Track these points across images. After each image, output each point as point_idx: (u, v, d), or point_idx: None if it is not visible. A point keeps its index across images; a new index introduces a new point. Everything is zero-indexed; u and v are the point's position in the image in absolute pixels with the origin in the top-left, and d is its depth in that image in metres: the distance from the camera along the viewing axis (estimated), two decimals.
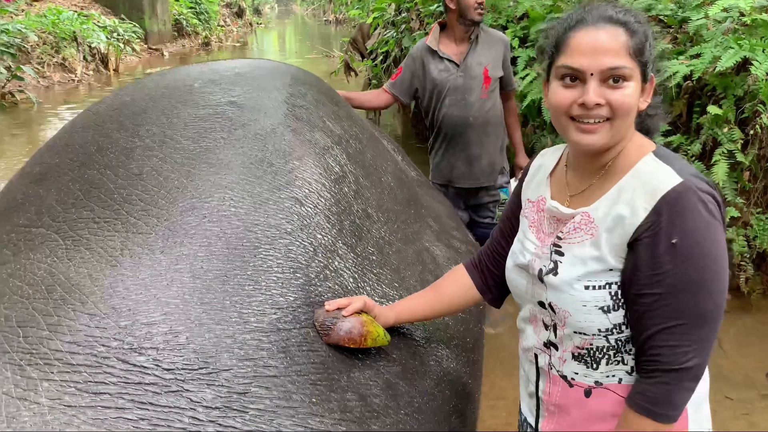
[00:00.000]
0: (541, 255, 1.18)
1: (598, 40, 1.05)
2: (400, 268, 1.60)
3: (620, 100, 1.05)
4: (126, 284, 1.17)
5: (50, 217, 1.31)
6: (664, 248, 1.02)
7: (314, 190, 1.43)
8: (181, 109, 1.53)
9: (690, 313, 1.02)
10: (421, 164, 4.46)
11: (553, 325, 1.17)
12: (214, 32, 17.96)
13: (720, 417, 2.49)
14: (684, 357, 1.03)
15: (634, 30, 1.06)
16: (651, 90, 1.12)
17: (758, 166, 3.09)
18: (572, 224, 1.13)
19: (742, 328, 3.12)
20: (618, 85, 1.05)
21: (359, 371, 1.27)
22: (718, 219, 1.04)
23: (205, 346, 1.11)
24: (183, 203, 1.31)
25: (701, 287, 1.02)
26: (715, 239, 1.03)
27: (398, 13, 6.04)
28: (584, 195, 1.15)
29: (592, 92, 1.04)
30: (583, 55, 1.05)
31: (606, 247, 1.08)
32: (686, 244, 1.01)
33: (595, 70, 1.05)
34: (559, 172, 1.24)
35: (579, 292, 1.10)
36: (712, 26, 3.38)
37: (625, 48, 1.05)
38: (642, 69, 1.07)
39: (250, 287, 1.23)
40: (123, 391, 1.00)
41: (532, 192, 1.27)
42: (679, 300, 1.02)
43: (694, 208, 1.01)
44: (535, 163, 1.32)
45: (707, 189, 1.04)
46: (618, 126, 1.07)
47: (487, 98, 2.95)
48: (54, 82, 10.49)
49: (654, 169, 1.07)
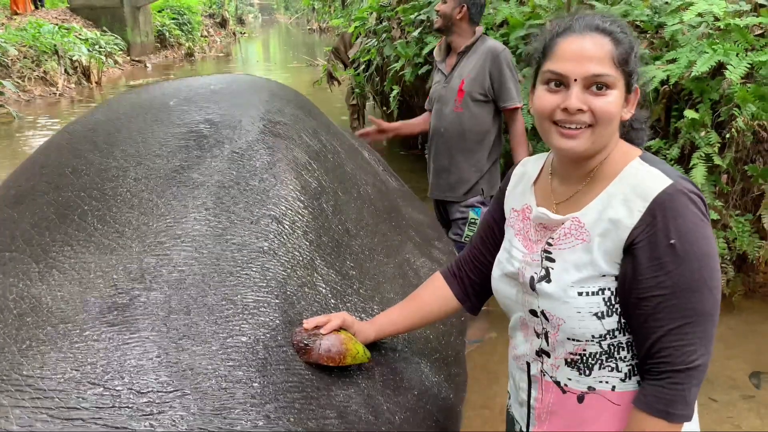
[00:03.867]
0: (531, 262, 1.18)
1: (583, 47, 1.08)
2: (381, 282, 1.60)
3: (602, 107, 1.07)
4: (99, 307, 1.15)
5: (24, 242, 1.30)
6: (662, 250, 1.03)
7: (292, 208, 1.43)
8: (156, 128, 1.52)
9: (694, 312, 1.04)
10: (405, 172, 4.48)
11: (545, 333, 1.17)
12: (197, 43, 17.94)
13: (704, 419, 2.51)
14: (692, 356, 1.04)
15: (619, 40, 1.08)
16: (635, 101, 1.13)
17: (735, 169, 3.13)
18: (562, 230, 1.14)
19: (725, 330, 3.15)
20: (601, 93, 1.07)
21: (339, 389, 1.26)
22: (706, 218, 1.06)
23: (180, 367, 1.09)
24: (157, 224, 1.30)
25: (702, 285, 1.04)
26: (708, 237, 1.06)
27: (379, 22, 6.06)
28: (571, 201, 1.16)
29: (574, 97, 1.07)
30: (568, 61, 1.08)
31: (598, 251, 1.09)
32: (684, 243, 1.03)
33: (579, 76, 1.07)
34: (543, 181, 1.24)
35: (573, 299, 1.10)
36: (687, 31, 3.43)
37: (610, 57, 1.07)
38: (626, 79, 1.09)
39: (226, 307, 1.22)
40: (96, 416, 0.98)
41: (517, 201, 1.27)
42: (683, 299, 1.04)
43: (686, 209, 1.04)
44: (516, 171, 1.33)
45: (694, 190, 1.06)
46: (599, 133, 1.08)
47: (462, 112, 2.87)
48: (35, 96, 10.42)
49: (642, 172, 1.09)
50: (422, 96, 5.35)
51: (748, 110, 2.98)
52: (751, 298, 3.40)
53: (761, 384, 2.75)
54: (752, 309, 3.33)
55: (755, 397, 2.66)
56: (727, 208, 3.18)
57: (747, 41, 3.18)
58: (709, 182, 3.10)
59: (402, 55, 5.21)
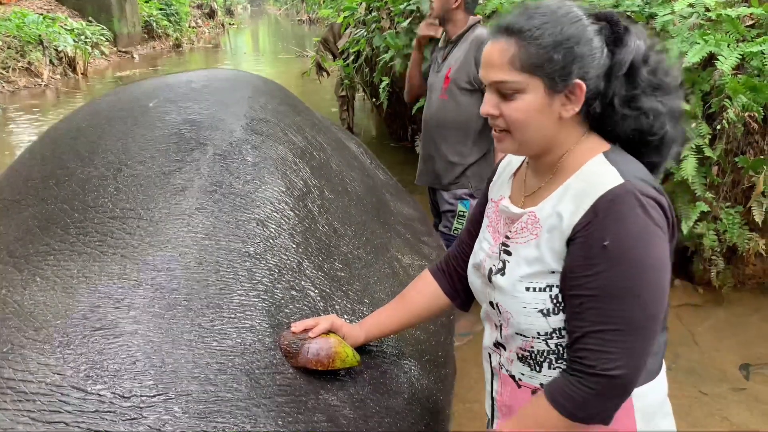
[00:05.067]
0: (491, 254, 1.18)
1: (487, 53, 1.07)
2: (370, 282, 1.58)
3: (509, 114, 1.05)
4: (82, 311, 1.14)
5: (8, 254, 1.31)
6: (595, 250, 1.00)
7: (277, 210, 1.41)
8: (137, 132, 1.51)
9: (618, 320, 0.99)
10: (395, 164, 4.46)
11: (499, 326, 1.17)
12: (185, 34, 17.74)
13: (695, 412, 2.52)
14: (609, 364, 1.00)
15: (532, 38, 1.02)
16: (580, 97, 1.04)
17: (726, 160, 3.12)
18: (520, 224, 1.12)
19: (715, 322, 3.16)
20: (510, 97, 1.05)
21: (327, 392, 1.25)
22: (659, 225, 1.01)
23: (164, 371, 1.08)
24: (140, 232, 1.30)
25: (628, 293, 0.99)
26: (650, 245, 1.00)
27: (369, 12, 6.00)
28: (536, 195, 1.14)
29: (485, 102, 1.08)
30: (481, 67, 1.09)
31: (545, 247, 1.06)
32: (617, 247, 0.99)
33: (487, 82, 1.08)
34: (521, 172, 1.23)
35: (521, 294, 1.09)
36: (678, 22, 3.41)
37: (512, 62, 1.03)
38: (545, 79, 1.03)
39: (212, 312, 1.20)
40: (79, 420, 0.98)
41: (496, 191, 1.26)
42: (607, 304, 1.00)
43: (630, 211, 0.99)
44: (504, 162, 1.31)
45: (651, 194, 1.01)
46: (519, 137, 1.07)
47: (446, 99, 2.85)
48: (20, 87, 10.27)
49: (599, 169, 1.05)
50: None
51: (739, 101, 2.96)
52: (741, 291, 3.40)
53: (750, 376, 2.76)
54: (741, 301, 3.34)
55: (745, 390, 2.66)
56: (717, 200, 3.18)
57: (738, 32, 3.16)
58: (700, 174, 3.09)
59: (392, 46, 5.16)
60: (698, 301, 3.35)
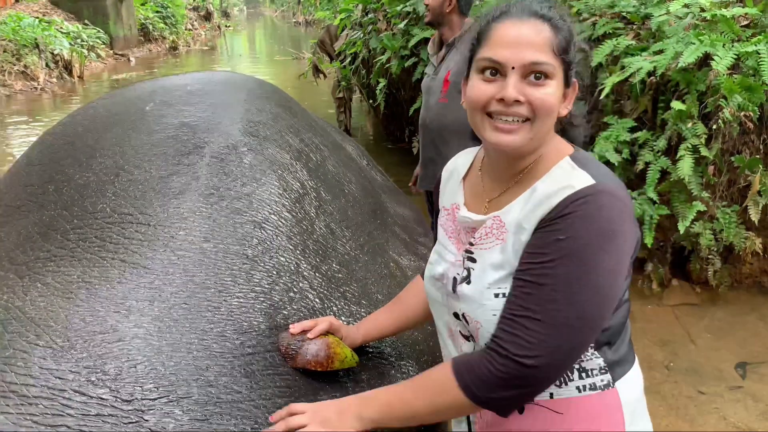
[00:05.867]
0: (455, 263, 1.13)
1: (521, 33, 0.99)
2: (368, 283, 1.58)
3: (541, 98, 0.99)
4: (82, 315, 1.15)
5: (9, 261, 1.32)
6: (547, 242, 0.98)
7: (274, 212, 1.41)
8: (134, 136, 1.52)
9: (545, 312, 0.96)
10: (393, 166, 4.46)
11: (469, 337, 1.11)
12: (181, 36, 17.74)
13: (691, 411, 2.53)
14: (523, 351, 0.96)
15: (559, 27, 1.01)
16: (573, 96, 1.06)
17: (722, 160, 3.14)
18: (484, 229, 1.09)
19: (712, 321, 3.17)
20: (539, 82, 0.99)
21: (326, 393, 1.25)
22: (620, 230, 0.97)
23: (165, 374, 1.09)
24: (138, 236, 1.30)
25: (566, 290, 0.96)
26: (604, 250, 0.96)
27: (365, 14, 6.01)
28: (500, 199, 1.10)
29: (511, 87, 0.98)
30: (505, 48, 0.99)
31: (511, 249, 1.03)
32: (572, 243, 0.95)
33: (517, 63, 0.98)
34: (473, 177, 1.18)
35: (489, 301, 1.04)
36: (674, 22, 3.42)
37: (549, 44, 0.99)
38: (565, 70, 1.02)
39: (211, 314, 1.21)
40: (81, 423, 0.98)
41: (447, 199, 1.22)
42: (541, 294, 0.97)
43: (592, 213, 0.96)
44: (447, 167, 1.28)
45: (620, 197, 0.99)
46: (538, 128, 1.01)
47: (446, 102, 2.86)
48: (15, 91, 10.26)
49: (568, 173, 1.03)
50: (408, 89, 5.33)
51: (734, 101, 2.98)
52: (737, 290, 3.42)
53: (747, 375, 2.77)
54: (738, 300, 3.36)
55: (742, 388, 2.67)
56: (713, 200, 3.19)
57: (733, 32, 3.17)
58: (696, 173, 3.10)
59: (388, 48, 5.17)
60: (695, 300, 3.36)
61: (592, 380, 1.07)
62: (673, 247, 3.40)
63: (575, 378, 1.07)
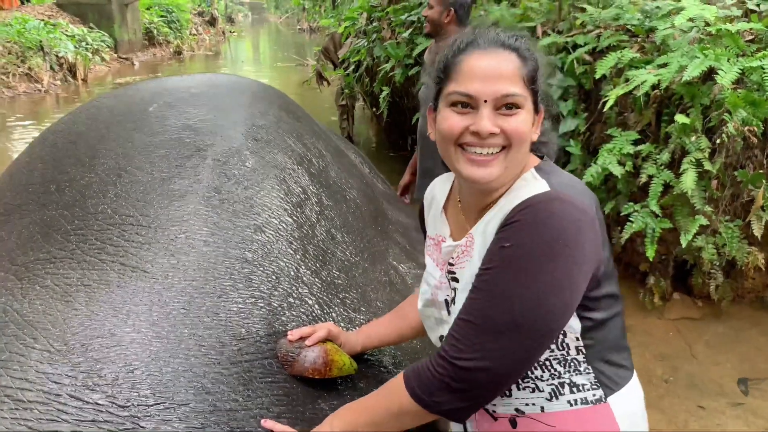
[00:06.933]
0: (440, 286, 1.15)
1: (491, 65, 0.99)
2: (368, 290, 1.57)
3: (514, 128, 0.99)
4: (80, 319, 1.14)
5: (9, 261, 1.31)
6: (494, 249, 0.99)
7: (275, 216, 1.40)
8: (136, 137, 1.51)
9: (481, 317, 0.97)
10: (394, 173, 4.45)
11: None
12: (185, 41, 17.79)
13: (692, 426, 2.50)
14: (457, 353, 0.97)
15: (526, 57, 1.02)
16: (540, 121, 1.07)
17: (725, 174, 3.12)
18: (460, 248, 1.10)
19: (714, 336, 3.15)
20: (511, 112, 0.99)
21: (325, 401, 1.23)
22: (573, 239, 0.95)
23: (162, 380, 1.08)
24: (138, 239, 1.29)
25: (503, 296, 0.96)
26: (550, 259, 0.94)
27: (369, 23, 6.03)
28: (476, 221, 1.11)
29: (486, 119, 0.98)
30: (476, 81, 0.99)
31: (479, 263, 1.03)
32: (512, 252, 0.95)
33: (489, 96, 0.98)
34: (453, 207, 1.19)
35: None
36: (679, 36, 3.42)
37: (519, 74, 1.00)
38: (534, 98, 1.03)
39: (209, 319, 1.19)
40: (76, 429, 0.97)
41: (431, 228, 1.23)
42: (477, 298, 0.99)
43: (543, 221, 0.95)
44: (427, 195, 1.28)
45: (577, 204, 0.97)
46: (512, 156, 1.01)
47: None
48: (19, 93, 10.28)
49: (530, 183, 1.03)
50: (411, 97, 5.33)
51: (738, 115, 2.97)
52: (740, 304, 3.40)
53: (749, 391, 2.74)
54: (740, 315, 3.34)
55: (743, 404, 2.65)
56: (716, 214, 3.18)
57: (738, 46, 3.17)
58: (699, 187, 3.09)
59: (392, 56, 5.19)
60: (697, 314, 3.34)
61: (584, 395, 1.06)
62: (675, 260, 3.39)
63: (566, 392, 1.06)
